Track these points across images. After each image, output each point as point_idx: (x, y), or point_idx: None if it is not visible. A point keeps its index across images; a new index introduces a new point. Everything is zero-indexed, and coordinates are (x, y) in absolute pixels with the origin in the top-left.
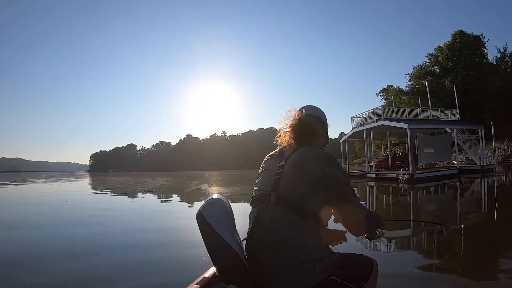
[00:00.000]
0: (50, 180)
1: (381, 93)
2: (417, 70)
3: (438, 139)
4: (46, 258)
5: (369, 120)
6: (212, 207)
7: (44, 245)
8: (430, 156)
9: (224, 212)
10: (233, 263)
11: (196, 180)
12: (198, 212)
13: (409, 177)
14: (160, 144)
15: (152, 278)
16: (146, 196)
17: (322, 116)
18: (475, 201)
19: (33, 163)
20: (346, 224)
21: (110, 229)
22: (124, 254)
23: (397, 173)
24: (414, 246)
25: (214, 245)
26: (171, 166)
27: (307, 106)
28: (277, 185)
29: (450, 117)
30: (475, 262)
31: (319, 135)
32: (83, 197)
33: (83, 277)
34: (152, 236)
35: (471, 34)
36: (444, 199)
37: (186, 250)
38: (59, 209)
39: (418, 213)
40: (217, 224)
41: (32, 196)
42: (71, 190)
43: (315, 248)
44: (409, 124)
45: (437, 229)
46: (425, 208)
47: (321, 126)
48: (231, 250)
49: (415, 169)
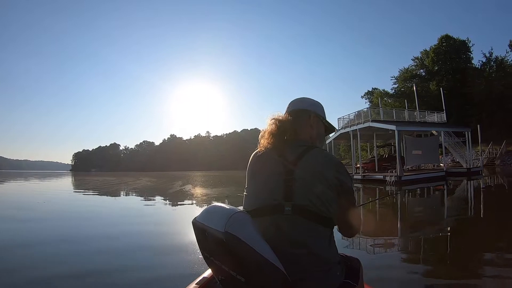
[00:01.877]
0: (31, 180)
1: (366, 95)
2: (403, 73)
3: (425, 141)
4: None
5: (356, 121)
6: (239, 222)
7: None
8: (418, 158)
9: (251, 223)
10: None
11: (180, 180)
12: (223, 232)
13: (396, 179)
14: (143, 144)
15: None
16: (129, 197)
17: (310, 108)
18: (463, 203)
19: (15, 161)
20: (346, 228)
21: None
22: (114, 257)
23: (384, 175)
24: (398, 248)
25: (255, 265)
26: (155, 166)
27: (293, 100)
28: (290, 192)
29: (437, 119)
30: (459, 263)
31: (302, 125)
32: (62, 198)
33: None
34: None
35: (457, 39)
36: (433, 200)
37: (180, 252)
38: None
39: (407, 214)
40: (253, 241)
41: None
42: (52, 190)
43: (335, 253)
44: (397, 126)
45: (423, 231)
46: (414, 209)
47: (309, 117)
48: (275, 268)
49: (403, 171)
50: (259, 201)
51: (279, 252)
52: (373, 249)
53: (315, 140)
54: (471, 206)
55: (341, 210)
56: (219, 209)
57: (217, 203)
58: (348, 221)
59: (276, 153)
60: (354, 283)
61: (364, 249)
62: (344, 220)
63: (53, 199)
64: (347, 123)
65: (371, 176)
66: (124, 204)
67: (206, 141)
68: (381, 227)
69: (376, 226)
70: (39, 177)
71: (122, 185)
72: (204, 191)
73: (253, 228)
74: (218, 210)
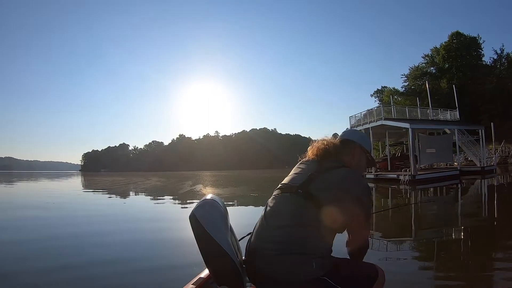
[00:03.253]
0: (42, 180)
1: (376, 94)
2: (413, 71)
3: (439, 140)
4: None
5: (368, 119)
6: (205, 208)
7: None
8: (432, 157)
9: (218, 213)
10: (225, 266)
11: (190, 180)
12: (191, 213)
13: (410, 178)
14: (152, 144)
15: (150, 278)
16: (138, 197)
17: (358, 140)
18: (481, 203)
19: (25, 162)
20: (353, 246)
21: (100, 228)
22: (117, 255)
23: (397, 174)
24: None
25: (207, 248)
26: (164, 166)
27: (347, 130)
28: (308, 182)
29: (450, 117)
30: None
31: (345, 152)
32: (72, 199)
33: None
34: (149, 237)
35: (468, 36)
36: (452, 201)
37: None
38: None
39: (425, 217)
40: (210, 226)
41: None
42: (62, 190)
43: (317, 245)
44: (411, 124)
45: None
46: (434, 210)
47: (354, 148)
48: (224, 253)
49: (417, 170)
50: (283, 184)
51: (270, 222)
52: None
53: (353, 167)
54: (489, 205)
55: (350, 229)
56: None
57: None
58: (354, 240)
59: (317, 160)
60: (333, 282)
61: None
62: (351, 238)
63: (69, 199)
64: (359, 122)
65: (384, 175)
66: (135, 203)
67: (215, 141)
68: (395, 227)
69: (390, 226)
70: (51, 177)
71: (131, 185)
72: (215, 191)
73: (216, 213)
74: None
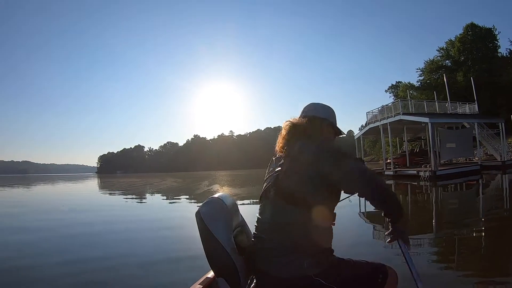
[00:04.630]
0: (59, 183)
1: (390, 89)
2: (429, 64)
3: (459, 134)
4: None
5: (386, 114)
6: (210, 206)
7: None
8: (452, 151)
9: (222, 211)
10: (223, 261)
11: (206, 180)
12: (197, 210)
13: (431, 174)
14: (167, 145)
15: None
16: (155, 197)
17: (318, 114)
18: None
19: (42, 165)
20: (371, 198)
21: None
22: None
23: (417, 170)
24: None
25: (206, 243)
26: (179, 167)
27: (305, 106)
28: (276, 179)
29: (468, 111)
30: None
31: (314, 131)
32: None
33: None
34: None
35: (483, 27)
36: (481, 197)
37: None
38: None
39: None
40: (212, 223)
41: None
42: (83, 192)
43: (306, 243)
44: (430, 118)
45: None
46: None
47: (315, 123)
48: (222, 249)
49: (437, 165)
50: (262, 190)
51: (261, 229)
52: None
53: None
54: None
55: (332, 193)
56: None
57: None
58: (369, 198)
59: (283, 153)
60: (326, 282)
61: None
62: (367, 199)
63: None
64: (376, 117)
65: (403, 171)
66: (153, 202)
67: (229, 141)
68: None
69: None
70: (70, 180)
71: (147, 186)
72: (233, 191)
73: (219, 211)
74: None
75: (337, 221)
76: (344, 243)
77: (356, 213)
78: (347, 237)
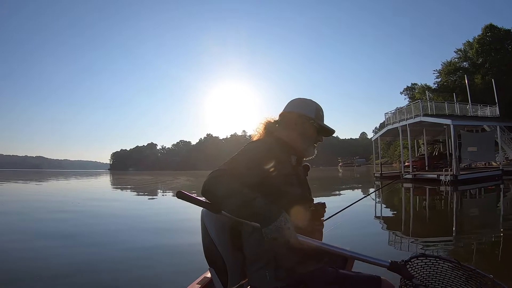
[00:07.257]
0: (73, 178)
1: (405, 91)
2: (446, 66)
3: (481, 137)
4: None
5: (405, 116)
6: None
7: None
8: (474, 155)
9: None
10: (215, 260)
11: None
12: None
13: (452, 179)
14: (180, 143)
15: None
16: (167, 196)
17: (294, 109)
18: None
19: (55, 161)
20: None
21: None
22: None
23: (438, 174)
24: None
25: (204, 241)
26: (192, 165)
27: (291, 100)
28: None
29: (489, 113)
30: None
31: (285, 132)
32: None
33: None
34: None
35: (502, 28)
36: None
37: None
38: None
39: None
40: (209, 223)
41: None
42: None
43: (260, 254)
44: (452, 120)
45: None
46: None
47: (288, 121)
48: (215, 248)
49: (459, 169)
50: None
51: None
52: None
53: (296, 141)
54: None
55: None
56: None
57: None
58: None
59: None
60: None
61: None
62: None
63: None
64: (394, 118)
65: (422, 175)
66: (163, 201)
67: (242, 140)
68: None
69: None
70: (85, 176)
71: (159, 184)
72: None
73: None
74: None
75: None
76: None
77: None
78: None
